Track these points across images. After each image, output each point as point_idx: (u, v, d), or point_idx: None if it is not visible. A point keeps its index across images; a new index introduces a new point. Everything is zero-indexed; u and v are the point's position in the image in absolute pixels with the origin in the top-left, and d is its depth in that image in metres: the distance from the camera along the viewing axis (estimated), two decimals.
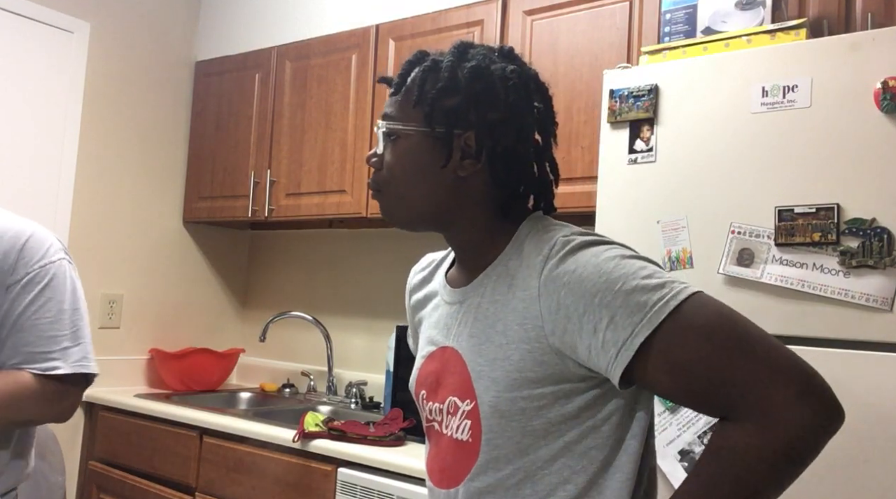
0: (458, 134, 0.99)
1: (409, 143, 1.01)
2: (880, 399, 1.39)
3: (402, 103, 1.02)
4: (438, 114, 0.99)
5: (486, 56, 1.02)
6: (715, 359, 0.85)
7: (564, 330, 0.90)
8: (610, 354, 0.87)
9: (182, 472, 2.54)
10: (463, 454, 0.99)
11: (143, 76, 3.14)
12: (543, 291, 0.92)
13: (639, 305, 0.86)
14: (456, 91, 0.99)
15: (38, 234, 1.37)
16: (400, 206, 1.04)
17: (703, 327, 0.86)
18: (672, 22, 1.94)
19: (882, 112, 1.44)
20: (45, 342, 1.32)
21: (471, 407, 0.98)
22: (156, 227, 3.19)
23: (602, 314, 0.87)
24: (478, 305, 1.01)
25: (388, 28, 2.67)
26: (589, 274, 0.89)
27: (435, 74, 1.00)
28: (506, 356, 0.95)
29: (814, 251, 1.47)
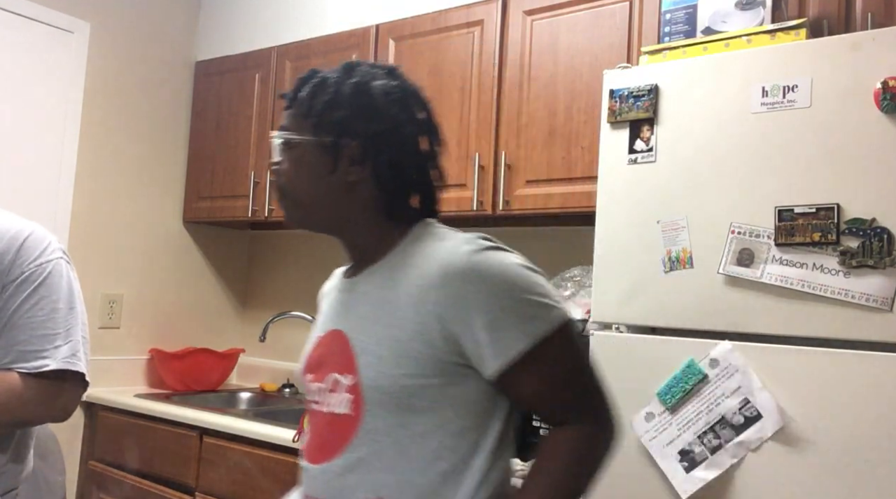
0: (345, 143, 1.09)
1: (301, 152, 1.12)
2: (880, 399, 1.39)
3: (294, 116, 1.13)
4: (326, 125, 1.10)
5: (370, 73, 1.13)
6: (576, 372, 1.05)
7: (458, 320, 1.00)
8: (494, 350, 0.99)
9: (182, 472, 2.54)
10: (342, 427, 1.06)
11: (143, 76, 3.14)
12: (446, 281, 1.01)
13: (530, 316, 1.00)
14: (341, 105, 1.10)
15: (36, 233, 1.37)
16: (297, 209, 1.14)
17: (572, 348, 1.04)
18: (672, 22, 1.94)
19: (882, 112, 1.44)
20: (37, 341, 1.31)
21: (352, 382, 1.06)
22: (156, 227, 3.19)
23: (497, 314, 0.99)
24: (367, 291, 1.11)
25: (388, 28, 2.67)
26: (493, 275, 1.01)
27: (323, 90, 1.11)
28: (394, 336, 1.03)
29: (814, 251, 1.47)
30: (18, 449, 1.38)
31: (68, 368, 1.33)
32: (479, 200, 2.36)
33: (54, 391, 1.34)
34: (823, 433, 1.43)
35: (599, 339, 1.70)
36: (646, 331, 1.67)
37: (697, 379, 1.55)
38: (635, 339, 1.66)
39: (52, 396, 1.34)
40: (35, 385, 1.31)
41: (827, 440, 1.43)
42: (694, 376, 1.55)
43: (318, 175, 1.11)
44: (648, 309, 1.65)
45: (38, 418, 1.37)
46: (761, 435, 1.48)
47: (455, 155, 2.45)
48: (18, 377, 1.30)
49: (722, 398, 1.52)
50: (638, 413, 1.61)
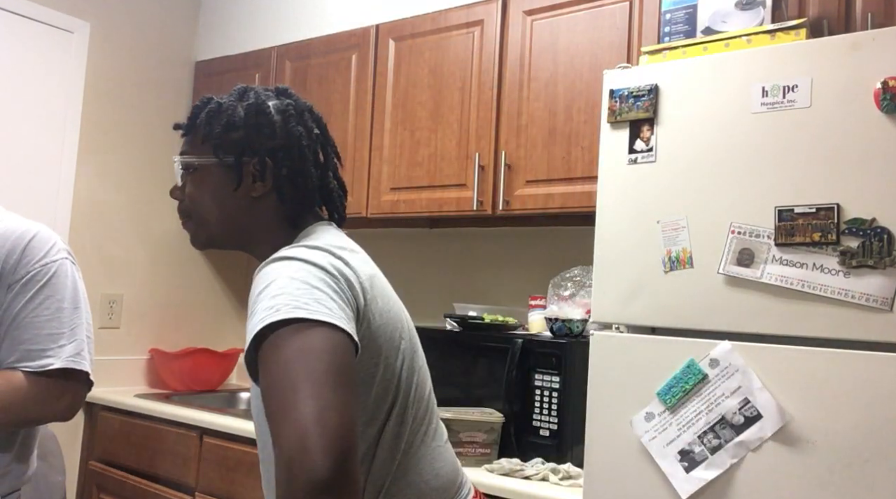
0: (246, 161, 1.15)
1: (203, 174, 1.17)
2: (880, 399, 1.39)
3: (193, 141, 1.19)
4: (226, 146, 1.15)
5: (262, 94, 1.19)
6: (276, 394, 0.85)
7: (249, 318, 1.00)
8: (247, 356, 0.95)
9: (182, 472, 2.54)
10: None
11: (143, 76, 3.14)
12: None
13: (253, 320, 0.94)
14: (238, 125, 1.15)
15: (41, 234, 1.38)
16: (203, 229, 1.19)
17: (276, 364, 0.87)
18: (672, 22, 1.94)
19: (882, 112, 1.44)
20: (42, 340, 1.32)
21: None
22: (156, 227, 3.19)
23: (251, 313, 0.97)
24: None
25: (388, 28, 2.67)
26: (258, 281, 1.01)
27: (218, 113, 1.16)
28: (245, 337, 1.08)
29: (814, 251, 1.47)
30: (22, 449, 1.39)
31: (73, 368, 1.34)
32: (479, 200, 2.36)
33: (59, 390, 1.34)
34: (823, 433, 1.43)
35: (599, 339, 1.70)
36: (646, 331, 1.67)
37: (697, 379, 1.55)
38: (635, 339, 1.66)
39: (57, 395, 1.34)
40: (40, 384, 1.31)
41: (827, 440, 1.43)
42: (694, 376, 1.55)
43: (224, 194, 1.16)
44: (648, 309, 1.65)
45: (42, 417, 1.38)
46: (761, 435, 1.48)
47: (455, 155, 2.45)
48: (23, 376, 1.31)
49: (722, 398, 1.52)
50: (638, 413, 1.61)
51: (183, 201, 1.19)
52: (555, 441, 2.02)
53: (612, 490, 1.63)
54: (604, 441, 1.65)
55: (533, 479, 1.90)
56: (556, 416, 2.03)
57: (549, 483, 1.88)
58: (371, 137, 2.65)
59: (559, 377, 2.04)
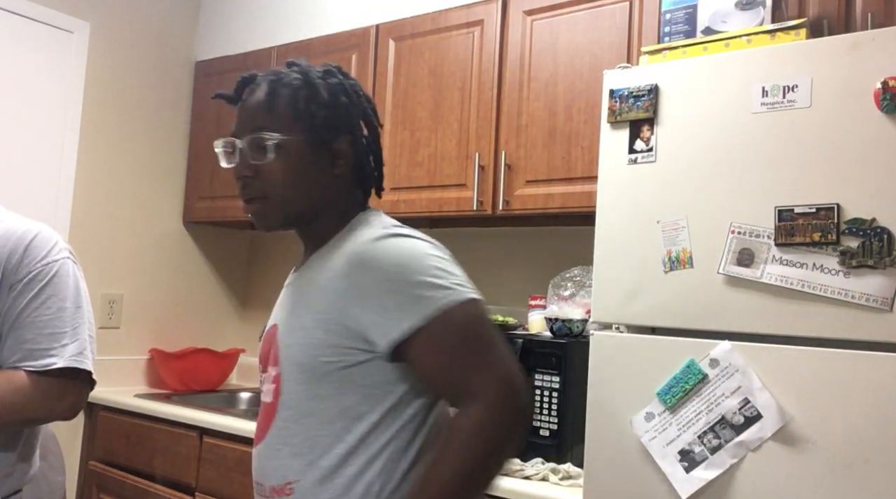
0: (335, 139, 1.17)
1: (289, 151, 1.15)
2: (880, 399, 1.39)
3: (276, 117, 1.15)
4: (318, 124, 1.16)
5: (337, 73, 1.22)
6: (472, 350, 1.05)
7: (354, 305, 1.06)
8: (384, 330, 1.05)
9: (182, 472, 2.54)
10: (267, 414, 1.16)
11: (143, 76, 3.14)
12: (348, 272, 1.08)
13: (419, 297, 1.04)
14: (327, 104, 1.17)
15: (43, 233, 1.38)
16: (283, 209, 1.17)
17: (468, 326, 1.06)
18: (672, 22, 1.94)
19: (882, 112, 1.44)
20: (44, 339, 1.32)
21: (276, 372, 1.15)
22: (156, 227, 3.20)
23: (389, 298, 1.05)
24: (302, 284, 1.19)
25: (388, 28, 2.67)
26: (387, 261, 1.07)
27: (307, 91, 1.16)
28: (302, 325, 1.12)
29: (814, 251, 1.47)
30: (26, 449, 1.39)
31: (75, 367, 1.34)
32: (479, 199, 2.36)
33: (61, 390, 1.34)
34: (823, 433, 1.43)
35: (599, 339, 1.70)
36: (646, 331, 1.67)
37: (697, 379, 1.55)
38: (635, 339, 1.66)
39: (59, 394, 1.34)
40: (42, 384, 1.31)
41: (827, 440, 1.43)
42: (694, 376, 1.55)
43: (310, 172, 1.17)
44: (648, 309, 1.65)
45: (45, 417, 1.38)
46: (761, 435, 1.48)
47: (455, 155, 2.45)
48: (25, 376, 1.31)
49: (722, 398, 1.52)
50: (638, 413, 1.61)
51: (254, 180, 1.16)
52: (555, 441, 2.02)
53: (612, 490, 1.63)
54: (604, 441, 1.65)
55: (533, 479, 1.90)
56: (556, 416, 2.03)
57: (549, 483, 1.88)
58: None
59: (559, 377, 2.04)
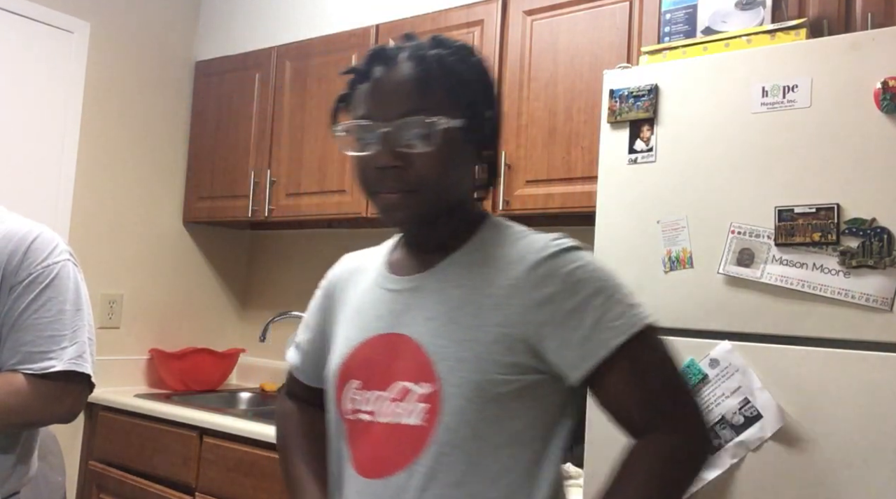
0: (485, 125, 1.04)
1: (450, 138, 0.99)
2: (880, 399, 1.39)
3: (432, 97, 0.99)
4: (475, 107, 1.02)
5: (473, 50, 1.07)
6: (668, 372, 0.99)
7: (544, 322, 0.96)
8: (585, 349, 0.95)
9: (182, 472, 2.54)
10: (410, 439, 0.98)
11: (143, 76, 3.14)
12: (535, 282, 0.97)
13: (620, 314, 0.96)
14: (479, 83, 1.04)
15: (44, 235, 1.37)
16: (434, 202, 1.01)
17: (662, 347, 0.99)
18: (672, 22, 1.94)
19: (882, 112, 1.44)
20: (44, 342, 1.31)
21: (429, 390, 0.97)
22: (156, 227, 3.19)
23: (589, 315, 0.95)
24: (439, 290, 1.02)
25: (388, 28, 2.67)
26: (586, 276, 0.97)
27: (461, 68, 1.01)
28: (476, 337, 0.97)
29: (814, 251, 1.47)
30: (24, 451, 1.38)
31: (74, 370, 1.33)
32: None
33: (60, 392, 1.33)
34: (823, 433, 1.43)
35: None
36: None
37: (697, 379, 1.55)
38: None
39: (58, 397, 1.34)
40: (41, 386, 1.31)
41: (827, 440, 1.43)
42: (694, 376, 1.55)
43: (462, 161, 1.03)
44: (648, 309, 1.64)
45: (43, 420, 1.37)
46: (761, 435, 1.48)
47: None
48: (24, 378, 1.30)
49: (722, 398, 1.52)
50: None
51: (404, 172, 0.98)
52: None
53: None
54: (604, 441, 1.65)
55: None
56: None
57: None
58: None
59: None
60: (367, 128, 0.99)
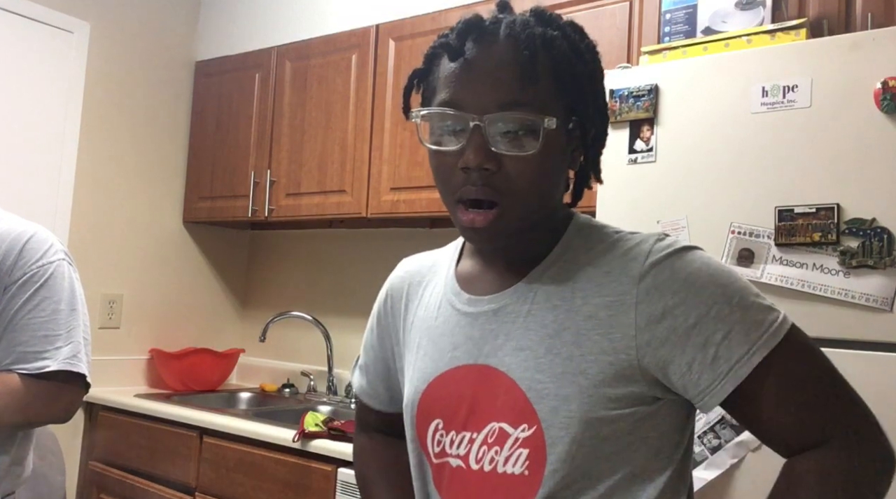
0: (583, 122, 0.87)
1: (554, 140, 0.82)
2: (880, 399, 1.39)
3: (539, 89, 0.81)
4: (583, 102, 0.85)
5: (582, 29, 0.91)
6: (824, 379, 0.83)
7: (664, 341, 0.80)
8: (719, 370, 0.79)
9: (182, 472, 2.54)
10: (514, 491, 0.84)
11: (143, 76, 3.14)
12: (644, 298, 0.81)
13: (756, 322, 0.81)
14: (590, 75, 0.88)
15: (39, 235, 1.37)
16: (521, 220, 0.84)
17: (812, 350, 0.84)
18: (672, 22, 1.94)
19: (882, 112, 1.44)
20: (38, 342, 1.31)
21: (529, 433, 0.83)
22: (156, 227, 3.19)
23: (717, 328, 0.80)
24: (526, 312, 0.87)
25: (388, 28, 2.67)
26: (704, 283, 0.81)
27: (572, 53, 0.84)
28: (579, 370, 0.82)
29: (814, 251, 1.47)
30: (20, 451, 1.38)
31: (69, 370, 1.33)
32: None
33: (55, 392, 1.33)
34: None
35: None
36: None
37: None
38: None
39: (53, 397, 1.33)
40: (36, 386, 1.31)
41: None
42: None
43: (561, 166, 0.87)
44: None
45: (39, 420, 1.37)
46: None
47: None
48: (19, 378, 1.30)
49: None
50: None
51: (494, 177, 0.81)
52: None
53: None
54: None
55: None
56: None
57: None
58: (371, 137, 2.65)
59: None
60: (454, 118, 0.82)
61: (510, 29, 0.82)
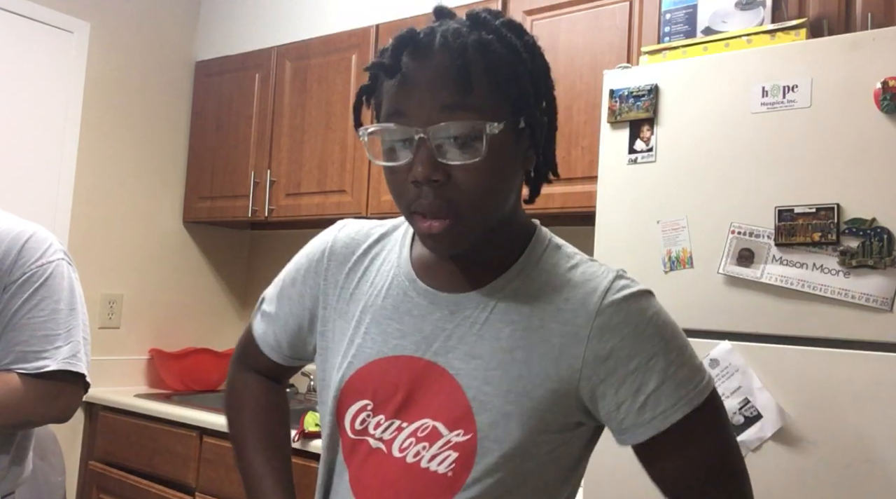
0: (534, 122, 0.86)
1: (500, 144, 0.82)
2: (880, 399, 1.39)
3: (477, 94, 0.80)
4: (526, 103, 0.84)
5: (520, 26, 0.89)
6: (722, 453, 0.88)
7: (602, 380, 0.84)
8: (644, 417, 0.84)
9: (182, 472, 2.54)
10: (432, 488, 0.87)
11: (143, 76, 3.14)
12: (596, 335, 0.84)
13: (686, 380, 0.85)
14: (531, 73, 0.85)
15: (38, 235, 1.37)
16: (474, 229, 0.84)
17: (724, 415, 0.90)
18: (672, 22, 1.94)
19: (882, 112, 1.44)
20: (38, 341, 1.31)
21: (464, 439, 0.85)
22: (156, 227, 3.19)
23: (651, 378, 0.84)
24: (483, 320, 0.87)
25: (388, 28, 2.67)
26: (651, 333, 0.84)
27: (514, 58, 0.83)
28: (525, 391, 0.84)
29: (814, 251, 1.47)
30: (19, 451, 1.38)
31: (69, 369, 1.33)
32: None
33: (54, 392, 1.33)
34: (823, 433, 1.43)
35: None
36: None
37: None
38: None
39: (53, 396, 1.33)
40: (35, 386, 1.31)
41: (827, 440, 1.43)
42: None
43: (510, 171, 0.85)
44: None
45: (38, 419, 1.37)
46: (761, 435, 1.48)
47: None
48: (18, 378, 1.30)
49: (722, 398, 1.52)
50: None
51: (444, 188, 0.80)
52: None
53: (612, 490, 1.63)
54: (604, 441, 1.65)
55: None
56: None
57: None
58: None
59: None
60: (398, 132, 0.82)
61: (444, 38, 0.81)
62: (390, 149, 0.84)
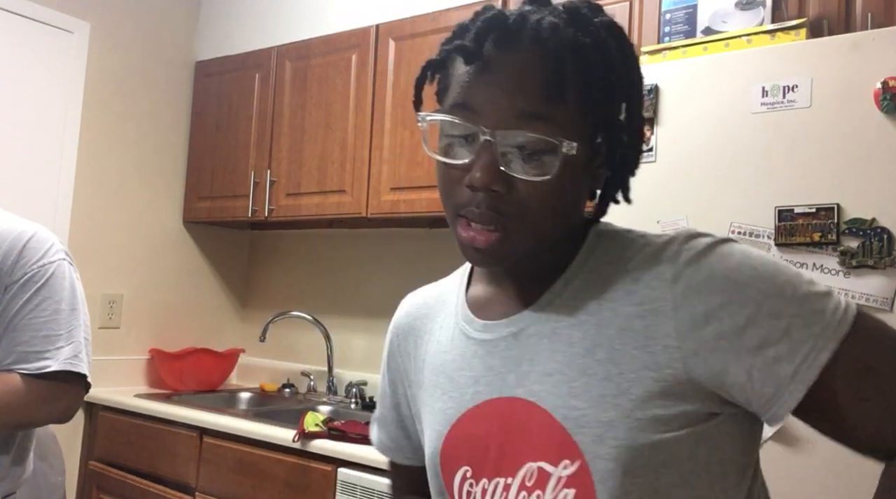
0: (613, 137, 0.77)
1: (570, 161, 0.72)
2: None
3: (565, 107, 0.71)
4: (610, 118, 0.76)
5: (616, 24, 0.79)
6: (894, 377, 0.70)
7: (713, 349, 0.69)
8: (783, 374, 0.68)
9: (182, 472, 2.54)
10: None
11: (143, 76, 3.14)
12: (682, 302, 0.70)
13: (817, 313, 0.70)
14: (626, 89, 0.77)
15: (39, 235, 1.37)
16: (524, 244, 0.75)
17: (887, 333, 0.72)
18: (672, 22, 1.94)
19: (882, 112, 1.44)
20: (39, 342, 1.31)
21: (573, 469, 0.72)
22: (156, 227, 3.20)
23: (772, 326, 0.68)
24: (551, 332, 0.76)
25: (388, 28, 2.67)
26: (748, 278, 0.70)
27: (605, 65, 0.73)
28: (620, 391, 0.71)
29: (814, 251, 1.47)
30: (20, 452, 1.38)
31: (70, 370, 1.33)
32: None
33: (56, 392, 1.33)
34: None
35: None
36: None
37: None
38: None
39: (54, 397, 1.33)
40: (36, 386, 1.31)
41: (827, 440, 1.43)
42: None
43: (578, 190, 0.78)
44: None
45: (39, 420, 1.37)
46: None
47: None
48: (20, 379, 1.30)
49: None
50: None
51: (502, 200, 0.72)
52: None
53: None
54: None
55: None
56: None
57: None
58: (371, 137, 2.65)
59: None
60: (461, 127, 0.73)
61: (536, 32, 0.71)
62: (450, 141, 0.75)
